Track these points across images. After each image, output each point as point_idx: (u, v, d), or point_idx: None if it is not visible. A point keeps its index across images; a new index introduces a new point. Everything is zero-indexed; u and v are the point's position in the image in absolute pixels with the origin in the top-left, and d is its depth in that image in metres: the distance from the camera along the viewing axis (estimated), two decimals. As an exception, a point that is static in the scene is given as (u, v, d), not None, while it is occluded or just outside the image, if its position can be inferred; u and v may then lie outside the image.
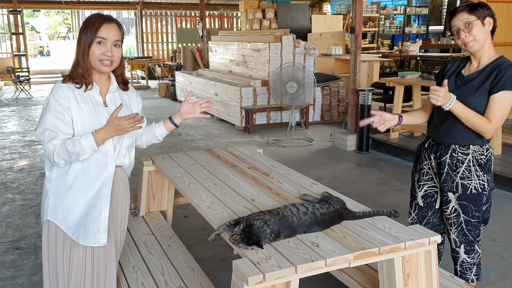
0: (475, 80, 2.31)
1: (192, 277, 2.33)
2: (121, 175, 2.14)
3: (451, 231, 2.45)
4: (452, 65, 2.48)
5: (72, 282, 2.04)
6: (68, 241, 2.03)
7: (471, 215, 2.38)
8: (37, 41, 29.25)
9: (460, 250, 2.45)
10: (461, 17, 2.25)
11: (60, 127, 1.94)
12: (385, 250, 1.80)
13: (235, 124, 7.96)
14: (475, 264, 2.48)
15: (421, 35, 15.14)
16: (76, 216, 2.01)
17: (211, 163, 3.01)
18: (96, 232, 2.01)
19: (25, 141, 7.28)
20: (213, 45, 10.23)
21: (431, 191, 2.53)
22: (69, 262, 2.03)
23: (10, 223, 4.11)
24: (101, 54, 1.96)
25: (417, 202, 2.59)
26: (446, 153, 2.39)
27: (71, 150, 1.91)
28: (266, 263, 1.67)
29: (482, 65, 2.32)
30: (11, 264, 3.36)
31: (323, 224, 1.95)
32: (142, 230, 2.89)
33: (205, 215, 2.20)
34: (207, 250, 3.52)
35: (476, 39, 2.24)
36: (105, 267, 2.08)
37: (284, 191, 2.47)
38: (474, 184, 2.34)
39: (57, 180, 2.03)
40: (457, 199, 2.38)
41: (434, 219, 2.55)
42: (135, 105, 2.21)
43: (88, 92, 2.02)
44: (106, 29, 1.96)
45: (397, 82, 6.10)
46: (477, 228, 2.41)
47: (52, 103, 1.95)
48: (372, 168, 5.65)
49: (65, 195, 2.01)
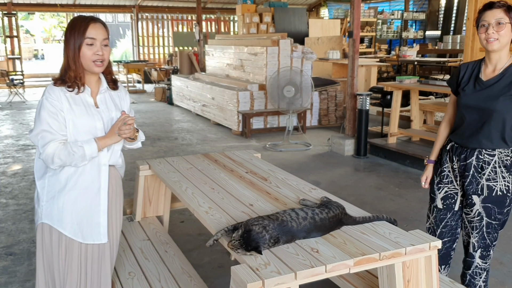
0: (496, 84, 2.28)
1: (189, 283, 2.29)
2: (114, 174, 2.15)
3: (472, 234, 2.42)
4: (466, 70, 2.43)
5: (68, 282, 2.03)
6: (63, 242, 2.02)
7: (493, 217, 2.35)
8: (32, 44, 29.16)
9: (476, 255, 2.42)
10: (496, 14, 2.21)
11: (56, 127, 1.94)
12: (386, 256, 1.76)
13: (232, 128, 7.92)
14: (485, 270, 2.45)
15: (418, 40, 15.18)
16: (73, 217, 2.01)
17: (208, 167, 2.97)
18: (97, 230, 2.04)
19: (19, 145, 7.21)
20: (210, 49, 10.21)
21: (451, 193, 2.49)
22: (65, 262, 2.03)
23: (3, 228, 4.05)
24: (92, 54, 1.96)
25: (436, 204, 2.54)
26: (472, 155, 2.35)
27: (76, 153, 1.92)
28: (265, 269, 1.64)
29: (499, 69, 2.30)
30: (4, 270, 3.30)
31: (322, 230, 1.92)
32: (138, 235, 2.85)
33: (203, 220, 2.16)
34: (204, 256, 3.48)
35: (500, 39, 2.22)
36: (100, 266, 2.08)
37: (283, 196, 2.44)
38: (500, 185, 2.32)
39: (50, 183, 2.03)
40: (481, 202, 2.35)
41: (452, 222, 2.51)
42: (125, 104, 2.22)
43: (79, 95, 2.02)
44: (94, 29, 1.96)
45: (395, 87, 6.08)
46: (496, 231, 2.39)
47: (46, 104, 1.95)
48: (370, 173, 5.62)
49: (59, 196, 2.00)
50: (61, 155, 1.91)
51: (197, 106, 9.46)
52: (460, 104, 2.39)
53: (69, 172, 1.99)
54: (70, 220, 2.00)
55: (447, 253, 2.56)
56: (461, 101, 2.39)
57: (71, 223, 2.01)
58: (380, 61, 11.15)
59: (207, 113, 9.02)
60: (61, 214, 2.00)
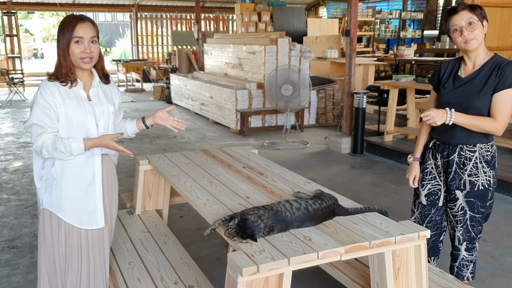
0: (474, 80, 2.36)
1: (188, 272, 2.36)
2: (108, 162, 2.26)
3: (457, 228, 2.50)
4: (447, 68, 2.52)
5: (69, 266, 2.13)
6: (63, 228, 2.12)
7: (476, 211, 2.44)
8: (31, 43, 29.19)
9: (461, 247, 2.51)
10: (464, 16, 2.29)
11: (47, 122, 2.06)
12: (376, 244, 1.84)
13: (230, 127, 7.99)
14: (472, 262, 2.53)
15: (416, 40, 15.26)
16: (71, 203, 2.12)
17: (207, 162, 3.05)
18: (94, 216, 2.15)
19: (20, 142, 7.27)
20: (209, 47, 10.27)
21: (434, 189, 2.57)
22: (65, 247, 2.13)
23: (6, 222, 4.12)
24: (80, 52, 2.07)
25: (420, 200, 2.63)
26: (454, 152, 2.43)
27: (62, 150, 2.05)
28: (260, 256, 1.71)
29: (477, 65, 2.37)
30: (7, 263, 3.38)
31: (315, 220, 2.00)
32: (138, 228, 2.92)
33: (201, 212, 2.24)
34: (202, 249, 3.55)
35: (476, 38, 2.29)
36: (99, 250, 2.19)
37: (278, 189, 2.51)
38: (482, 180, 2.40)
39: (47, 172, 2.14)
40: (464, 196, 2.44)
41: (436, 217, 2.60)
42: (116, 98, 2.33)
43: (72, 89, 2.13)
44: (81, 28, 2.07)
45: (391, 85, 6.16)
46: (480, 224, 2.47)
47: (39, 99, 2.07)
48: (366, 170, 5.70)
49: (56, 184, 2.11)
50: (49, 148, 2.05)
51: (196, 105, 9.53)
52: (441, 101, 2.47)
53: (64, 162, 2.11)
54: (68, 207, 2.11)
55: (434, 246, 2.65)
56: (441, 98, 2.47)
57: (69, 210, 2.12)
58: (378, 60, 11.23)
59: (205, 112, 9.09)
60: (60, 201, 2.11)
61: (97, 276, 2.20)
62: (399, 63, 11.11)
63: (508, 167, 4.94)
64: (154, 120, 2.36)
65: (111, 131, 2.24)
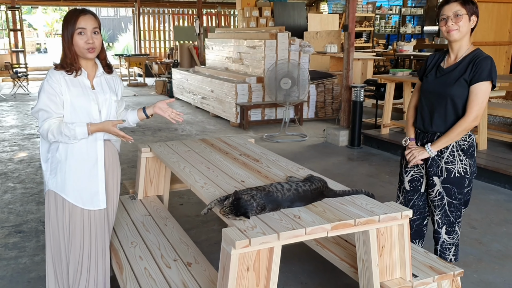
0: (453, 71, 2.51)
1: (187, 251, 2.51)
2: (110, 148, 2.40)
3: (435, 213, 2.65)
4: (433, 60, 2.67)
5: (72, 244, 2.28)
6: (67, 208, 2.26)
7: (454, 197, 2.58)
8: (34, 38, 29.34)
9: (441, 231, 2.65)
10: (453, 7, 2.44)
11: (53, 107, 2.20)
12: (360, 222, 1.98)
13: (230, 120, 8.13)
14: (454, 245, 2.67)
15: (416, 35, 15.35)
16: (74, 185, 2.26)
17: (205, 150, 3.19)
18: (95, 197, 2.29)
19: (24, 134, 7.43)
20: (210, 42, 10.40)
21: (417, 176, 2.72)
22: (69, 226, 2.28)
23: (12, 209, 4.27)
24: (84, 42, 2.21)
25: (404, 186, 2.78)
26: (432, 139, 2.58)
27: (66, 133, 2.19)
28: (252, 231, 1.85)
29: (459, 57, 2.52)
30: (14, 246, 3.53)
31: (305, 200, 2.13)
32: (140, 211, 3.07)
33: (199, 194, 2.38)
34: (201, 234, 3.70)
35: (459, 29, 2.44)
36: (101, 230, 2.33)
37: (273, 174, 2.65)
38: (458, 168, 2.54)
39: (52, 156, 2.29)
40: (441, 183, 2.58)
41: (419, 202, 2.75)
42: (119, 88, 2.47)
43: (77, 77, 2.27)
44: (84, 20, 2.21)
45: (388, 79, 6.28)
46: (458, 209, 2.61)
47: (46, 87, 2.21)
48: (363, 162, 5.84)
49: (60, 167, 2.26)
50: (54, 132, 2.18)
51: (197, 99, 9.66)
52: (422, 90, 2.62)
53: (68, 146, 2.24)
54: (71, 188, 2.25)
55: (419, 230, 2.79)
56: (423, 87, 2.62)
57: (73, 191, 2.26)
58: (377, 55, 11.33)
59: (206, 106, 9.23)
60: (64, 182, 2.25)
61: (98, 254, 2.35)
62: (398, 58, 11.22)
63: (500, 158, 5.07)
64: (154, 110, 2.50)
65: (113, 118, 2.38)
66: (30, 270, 3.17)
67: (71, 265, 2.30)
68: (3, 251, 3.44)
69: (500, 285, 2.96)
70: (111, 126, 2.25)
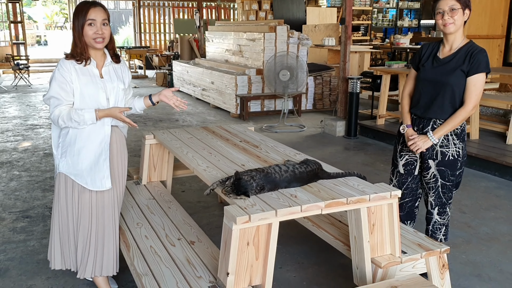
0: (451, 62, 2.66)
1: (190, 231, 2.66)
2: (117, 133, 2.55)
3: (429, 194, 2.81)
4: (427, 49, 2.82)
5: (81, 224, 2.44)
6: (77, 188, 2.42)
7: (447, 179, 2.74)
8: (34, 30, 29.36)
9: (434, 212, 2.81)
10: (448, 2, 2.59)
11: (63, 95, 2.34)
12: (352, 201, 2.13)
13: (230, 111, 8.27)
14: (444, 225, 2.84)
15: (413, 29, 15.46)
16: (83, 167, 2.40)
17: (207, 137, 3.33)
18: (101, 179, 2.43)
19: (27, 124, 7.56)
20: (210, 35, 10.51)
21: (411, 160, 2.87)
22: (78, 206, 2.43)
23: (18, 196, 4.42)
24: (93, 33, 2.34)
25: (398, 170, 2.93)
26: (428, 125, 2.74)
27: (76, 119, 2.33)
28: (251, 208, 2.00)
29: (454, 48, 2.68)
30: (22, 230, 3.68)
31: (301, 181, 2.29)
32: (145, 195, 3.22)
33: (201, 176, 2.53)
34: (203, 219, 3.85)
35: (455, 23, 2.59)
36: (108, 210, 2.48)
37: (271, 158, 2.80)
38: (452, 151, 2.70)
39: (63, 140, 2.44)
40: (436, 165, 2.74)
41: (412, 185, 2.91)
42: (126, 77, 2.61)
43: (87, 67, 2.41)
44: (94, 12, 2.34)
45: (383, 71, 6.42)
46: (450, 191, 2.77)
47: (57, 75, 2.36)
48: (359, 151, 5.99)
49: (70, 150, 2.40)
50: (64, 118, 2.32)
51: (197, 91, 9.79)
52: (419, 78, 2.77)
53: (78, 130, 2.38)
54: (81, 171, 2.40)
55: (410, 211, 2.95)
56: (420, 76, 2.76)
57: (82, 173, 2.40)
58: (374, 48, 11.46)
59: (206, 97, 9.36)
60: (73, 165, 2.40)
61: (106, 233, 2.49)
62: (395, 51, 11.35)
63: (490, 147, 5.23)
64: (160, 98, 2.64)
65: (120, 105, 2.52)
66: (38, 252, 3.32)
67: (79, 244, 2.45)
68: (12, 235, 3.59)
69: (486, 265, 3.12)
70: (118, 113, 2.39)
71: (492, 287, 2.86)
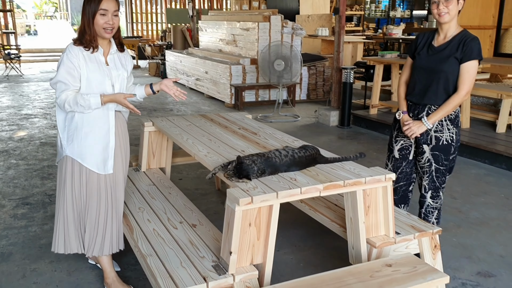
0: (445, 50, 2.76)
1: (191, 215, 2.74)
2: (120, 118, 2.63)
3: (423, 178, 2.91)
4: (423, 38, 2.92)
5: (90, 206, 2.50)
6: (84, 173, 2.48)
7: (441, 163, 2.84)
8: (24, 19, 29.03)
9: (427, 195, 2.92)
10: None
11: (70, 80, 2.40)
12: (349, 183, 2.23)
13: (225, 101, 8.32)
14: (437, 209, 2.94)
15: (405, 19, 15.55)
16: (90, 151, 2.47)
17: (205, 124, 3.40)
18: (108, 162, 2.51)
19: (22, 114, 7.57)
20: (203, 24, 10.52)
21: (406, 145, 2.97)
22: (86, 189, 2.49)
23: (17, 183, 4.47)
24: (104, 23, 2.40)
25: (394, 155, 3.03)
26: (423, 111, 2.83)
27: (81, 103, 2.39)
28: (253, 191, 2.08)
29: (448, 37, 2.78)
30: (23, 216, 3.73)
31: (300, 165, 2.37)
32: (145, 181, 3.29)
33: (202, 161, 2.60)
34: (200, 205, 3.92)
35: (449, 13, 2.69)
36: (116, 191, 2.56)
37: (270, 145, 2.88)
38: (446, 136, 2.81)
39: (69, 124, 2.49)
40: (430, 150, 2.84)
41: (407, 169, 3.01)
42: (129, 65, 2.69)
43: (94, 54, 2.47)
44: (107, 2, 2.40)
45: (377, 61, 6.51)
46: (444, 175, 2.88)
47: (65, 60, 2.40)
48: (352, 141, 6.09)
49: (77, 135, 2.46)
50: (70, 102, 2.38)
51: (191, 80, 9.83)
52: (415, 66, 2.86)
53: (83, 115, 2.45)
54: (87, 154, 2.46)
55: (404, 195, 3.05)
56: (416, 63, 2.85)
57: (89, 157, 2.47)
58: (367, 38, 11.55)
59: (200, 87, 9.40)
60: (80, 149, 2.46)
61: (113, 214, 2.56)
62: (387, 41, 11.44)
63: (481, 136, 5.35)
64: (161, 87, 2.70)
65: (123, 90, 2.59)
66: (40, 237, 3.38)
67: (88, 225, 2.52)
68: (13, 221, 3.64)
69: (476, 247, 3.24)
70: (123, 99, 2.45)
71: (481, 268, 2.98)
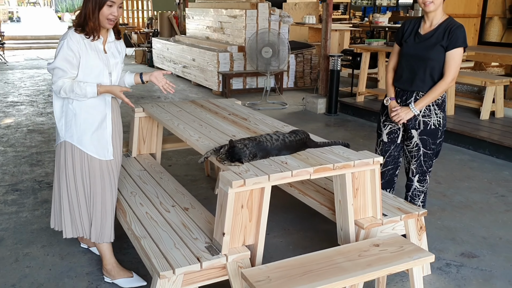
0: (431, 38, 2.83)
1: (183, 198, 2.79)
2: (115, 104, 2.66)
3: (411, 162, 3.00)
4: (409, 25, 2.98)
5: (96, 192, 2.53)
6: (86, 159, 2.50)
7: (428, 147, 2.93)
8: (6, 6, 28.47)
9: (414, 179, 3.00)
10: None
11: (68, 67, 2.40)
12: (338, 166, 2.29)
13: (213, 88, 8.33)
14: (423, 192, 3.03)
15: (391, 8, 15.64)
16: (89, 137, 2.49)
17: (196, 110, 3.43)
18: (105, 149, 2.54)
19: (8, 101, 7.49)
20: (190, 12, 10.47)
21: (394, 129, 3.05)
22: (89, 175, 2.51)
23: (6, 170, 4.46)
24: (109, 14, 2.42)
25: (382, 139, 3.11)
26: (411, 97, 2.91)
27: (77, 92, 2.40)
28: (246, 174, 2.14)
29: (434, 24, 2.85)
30: (13, 202, 3.74)
31: (291, 149, 2.43)
32: (136, 167, 3.32)
33: (194, 146, 2.64)
34: (191, 191, 3.90)
35: (434, 2, 2.76)
36: (113, 177, 2.59)
37: (260, 130, 2.93)
38: (433, 121, 2.89)
39: (67, 110, 2.50)
40: (418, 135, 2.92)
41: (394, 153, 3.09)
42: (123, 52, 2.71)
43: (94, 42, 2.48)
44: None
45: (363, 49, 6.58)
46: (431, 159, 2.96)
47: (65, 47, 2.40)
48: (339, 128, 6.17)
49: (75, 121, 2.48)
50: (66, 89, 2.39)
51: (178, 68, 9.80)
52: (402, 53, 2.92)
53: (80, 102, 2.46)
54: (87, 140, 2.48)
55: (391, 179, 3.13)
56: (403, 51, 2.92)
57: (89, 143, 2.49)
58: (354, 26, 11.60)
59: (187, 74, 9.38)
60: (79, 134, 2.48)
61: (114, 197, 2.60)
62: (374, 30, 11.51)
63: (465, 122, 5.47)
64: (150, 78, 2.73)
65: (118, 77, 2.61)
66: (31, 222, 3.40)
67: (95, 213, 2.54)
68: (3, 207, 3.65)
69: (460, 229, 3.35)
70: (118, 92, 2.47)
71: (465, 249, 3.08)
